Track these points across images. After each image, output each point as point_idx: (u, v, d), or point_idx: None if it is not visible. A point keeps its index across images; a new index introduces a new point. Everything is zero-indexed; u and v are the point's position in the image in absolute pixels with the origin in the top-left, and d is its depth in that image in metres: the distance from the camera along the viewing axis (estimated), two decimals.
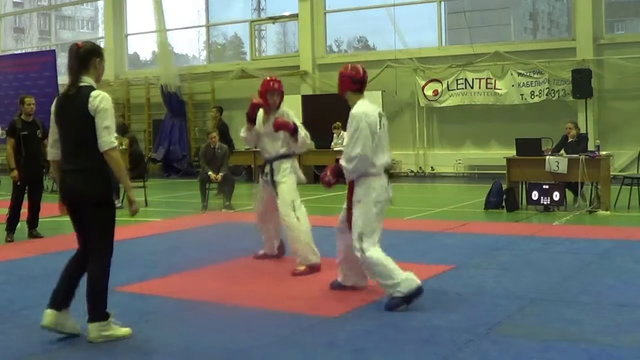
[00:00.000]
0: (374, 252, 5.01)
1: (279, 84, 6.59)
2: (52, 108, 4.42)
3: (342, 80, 5.28)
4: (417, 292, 4.91)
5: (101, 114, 4.21)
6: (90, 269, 4.32)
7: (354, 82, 5.24)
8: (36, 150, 8.39)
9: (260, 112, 6.62)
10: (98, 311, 4.31)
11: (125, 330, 4.40)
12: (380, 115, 5.18)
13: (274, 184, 6.50)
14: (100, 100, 4.23)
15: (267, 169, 6.60)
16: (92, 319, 4.31)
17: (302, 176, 6.68)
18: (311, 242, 6.31)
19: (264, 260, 6.87)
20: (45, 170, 8.96)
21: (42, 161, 8.54)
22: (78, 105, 4.23)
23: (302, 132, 6.45)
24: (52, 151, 4.50)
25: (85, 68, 4.33)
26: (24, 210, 8.64)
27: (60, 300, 4.34)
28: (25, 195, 8.64)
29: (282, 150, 6.53)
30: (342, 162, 5.14)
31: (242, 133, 6.76)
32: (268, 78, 6.67)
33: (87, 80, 4.32)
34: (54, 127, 4.43)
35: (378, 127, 5.09)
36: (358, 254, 5.05)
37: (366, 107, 5.16)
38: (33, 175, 8.51)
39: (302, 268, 6.25)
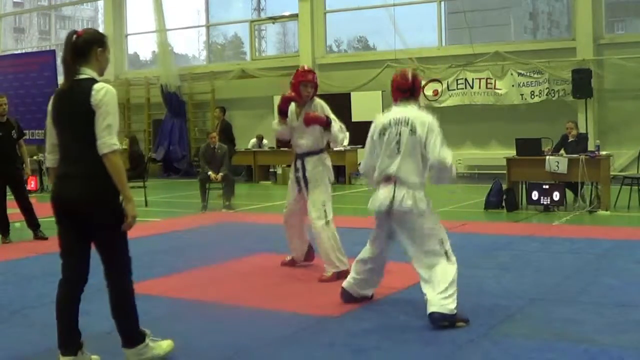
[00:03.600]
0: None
1: (313, 75, 6.23)
2: (49, 107, 3.80)
3: (392, 89, 4.99)
4: None
5: (103, 110, 3.58)
6: (112, 290, 3.83)
7: (401, 91, 4.94)
8: (11, 151, 8.30)
9: (293, 105, 6.22)
10: (133, 335, 3.89)
11: (166, 344, 4.01)
12: (392, 123, 4.82)
13: (305, 180, 6.16)
14: (105, 94, 3.61)
15: (298, 164, 6.21)
16: (128, 345, 3.89)
17: (332, 175, 6.26)
18: (338, 248, 5.99)
19: (265, 260, 6.85)
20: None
21: (19, 162, 8.46)
22: (78, 101, 3.62)
23: (336, 125, 6.10)
24: (51, 157, 3.85)
25: (84, 59, 3.72)
26: (17, 212, 8.57)
27: (70, 343, 3.81)
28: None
29: (315, 145, 6.18)
30: None
31: (275, 126, 6.39)
32: (301, 69, 6.31)
33: (87, 73, 3.71)
34: (51, 130, 3.79)
35: (378, 135, 4.83)
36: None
37: (385, 115, 4.91)
38: (9, 177, 8.31)
39: (328, 274, 5.95)
